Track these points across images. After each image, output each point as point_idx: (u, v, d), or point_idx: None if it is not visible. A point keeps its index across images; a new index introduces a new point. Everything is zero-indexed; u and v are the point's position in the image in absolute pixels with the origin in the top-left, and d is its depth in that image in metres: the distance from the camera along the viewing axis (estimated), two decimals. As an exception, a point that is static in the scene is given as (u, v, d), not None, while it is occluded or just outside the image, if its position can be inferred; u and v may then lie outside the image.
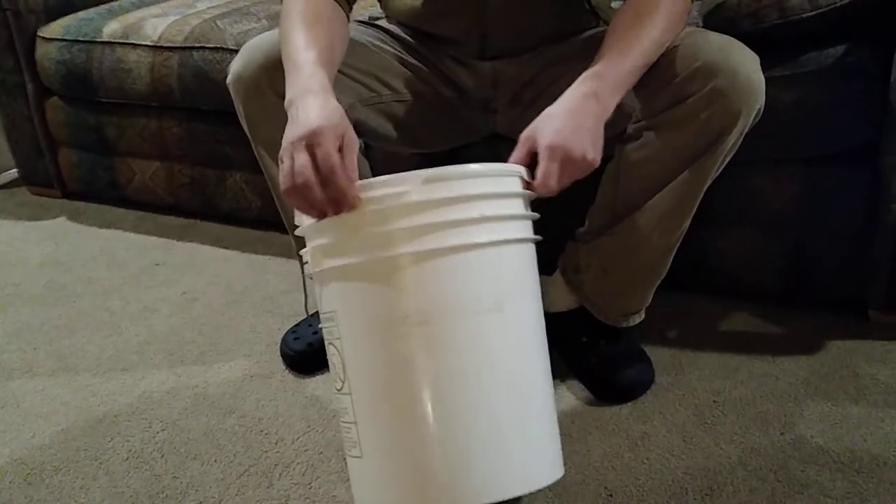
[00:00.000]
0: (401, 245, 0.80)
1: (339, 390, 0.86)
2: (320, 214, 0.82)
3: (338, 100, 1.07)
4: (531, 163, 0.89)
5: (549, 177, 0.87)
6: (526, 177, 0.88)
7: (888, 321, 1.25)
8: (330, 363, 0.88)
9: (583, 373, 1.16)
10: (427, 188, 0.80)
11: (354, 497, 0.89)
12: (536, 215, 0.89)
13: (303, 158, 0.80)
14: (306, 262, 0.88)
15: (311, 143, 0.80)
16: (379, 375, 0.82)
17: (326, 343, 0.88)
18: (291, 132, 0.82)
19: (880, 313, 1.25)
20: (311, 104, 0.84)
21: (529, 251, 0.88)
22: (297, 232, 0.89)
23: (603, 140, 0.91)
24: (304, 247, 0.89)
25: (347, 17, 1.04)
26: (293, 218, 1.14)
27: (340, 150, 0.81)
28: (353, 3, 1.07)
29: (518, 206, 0.87)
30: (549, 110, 0.91)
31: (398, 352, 0.81)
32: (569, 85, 1.08)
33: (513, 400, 0.83)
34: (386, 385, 0.82)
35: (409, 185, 0.80)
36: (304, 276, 0.88)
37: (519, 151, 0.90)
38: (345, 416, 0.86)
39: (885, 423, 1.06)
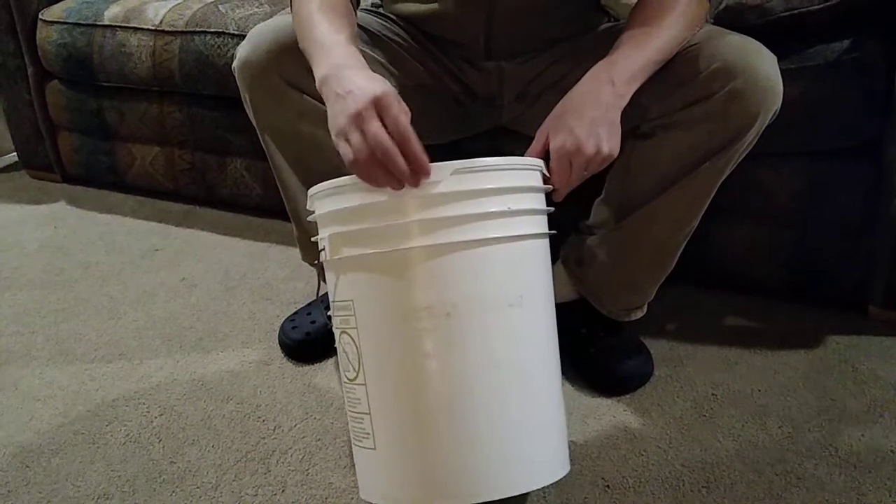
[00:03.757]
0: (429, 236, 0.79)
1: (351, 380, 0.85)
2: (399, 184, 0.79)
3: None
4: (547, 157, 0.90)
5: (561, 175, 0.88)
6: (545, 171, 0.88)
7: (888, 317, 1.24)
8: (341, 353, 0.87)
9: (582, 364, 1.16)
10: (456, 179, 0.79)
11: (361, 487, 0.90)
12: (552, 209, 0.90)
13: (375, 127, 0.77)
14: (322, 250, 0.86)
15: (379, 110, 0.78)
16: (399, 367, 0.81)
17: (338, 332, 0.87)
18: (348, 105, 0.79)
19: (880, 309, 1.25)
20: (357, 76, 0.81)
21: (546, 246, 0.89)
22: (311, 218, 0.87)
23: (619, 129, 0.90)
24: (310, 235, 0.88)
25: (355, 10, 1.03)
26: (300, 207, 1.14)
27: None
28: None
29: (541, 201, 0.87)
30: (563, 103, 0.91)
31: (421, 343, 0.80)
32: (578, 80, 1.07)
33: (529, 394, 0.84)
34: (406, 376, 0.81)
35: (438, 176, 0.79)
36: (319, 266, 0.86)
37: (535, 145, 0.91)
38: (357, 406, 0.85)
39: (883, 418, 1.06)
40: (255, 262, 1.57)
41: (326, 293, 1.30)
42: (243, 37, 1.55)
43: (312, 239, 0.89)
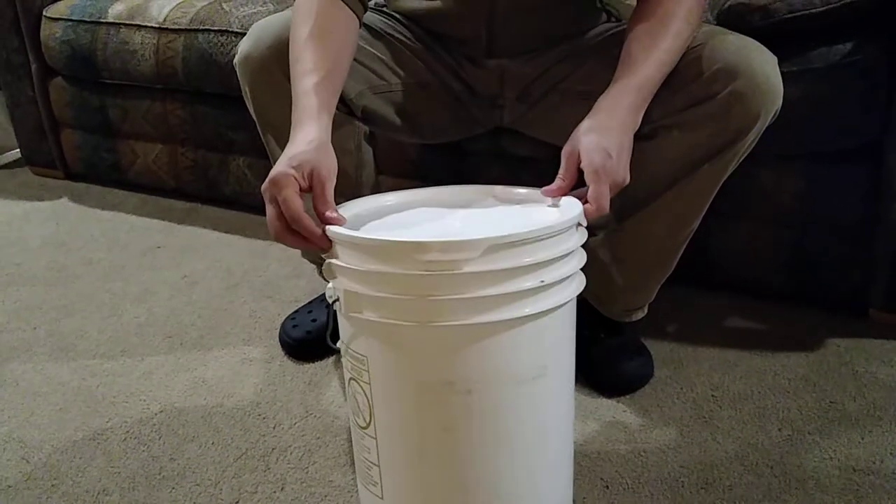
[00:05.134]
0: (454, 315, 0.75)
1: (362, 427, 0.84)
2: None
3: (347, 86, 1.06)
4: (578, 178, 0.87)
5: (604, 201, 0.84)
6: (583, 220, 0.82)
7: (888, 320, 1.24)
8: (350, 396, 0.85)
9: (582, 364, 1.15)
10: (488, 258, 0.74)
11: None
12: (584, 259, 0.84)
13: (270, 210, 0.82)
14: (336, 300, 0.82)
15: (272, 194, 0.82)
16: (414, 434, 0.80)
17: (349, 377, 0.84)
18: (272, 169, 0.84)
19: (881, 312, 1.25)
20: (295, 137, 0.86)
21: (574, 303, 0.84)
22: (325, 272, 0.85)
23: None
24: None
25: (360, 19, 1.01)
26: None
27: (311, 188, 0.82)
28: (368, 3, 1.05)
29: (576, 261, 0.81)
30: (596, 124, 0.88)
31: (438, 416, 0.78)
32: (580, 82, 1.07)
33: (544, 458, 0.83)
34: (421, 445, 0.80)
35: (470, 252, 0.74)
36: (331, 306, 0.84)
37: (567, 170, 0.87)
38: (366, 453, 0.84)
39: (882, 420, 1.06)
40: (256, 260, 1.58)
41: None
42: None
43: (324, 272, 0.86)
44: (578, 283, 0.83)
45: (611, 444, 1.04)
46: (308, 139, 0.85)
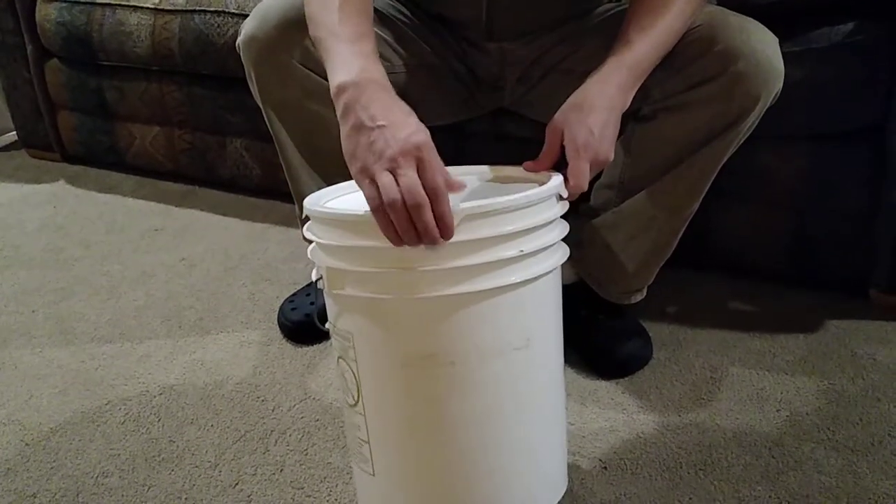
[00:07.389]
0: (434, 286, 0.75)
1: (351, 406, 0.84)
2: (418, 242, 0.73)
3: None
4: (561, 153, 0.87)
5: (582, 177, 0.84)
6: (563, 192, 0.82)
7: (889, 302, 1.24)
8: (339, 375, 0.85)
9: (580, 346, 1.16)
10: (466, 227, 0.73)
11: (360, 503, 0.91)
12: (567, 230, 0.84)
13: (412, 177, 0.72)
14: (319, 278, 0.83)
15: (417, 160, 0.73)
16: (400, 409, 0.80)
17: (337, 356, 0.85)
18: (379, 142, 0.73)
19: (881, 294, 1.25)
20: (386, 105, 0.77)
21: (558, 274, 0.83)
22: (310, 253, 0.83)
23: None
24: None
25: None
26: (303, 186, 1.13)
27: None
28: None
29: (557, 231, 0.82)
30: (582, 100, 0.88)
31: (423, 389, 0.79)
32: (580, 62, 1.06)
33: (532, 429, 0.83)
34: (408, 419, 0.80)
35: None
36: (317, 284, 0.82)
37: (551, 145, 0.87)
38: (356, 431, 0.85)
39: (881, 402, 1.06)
40: (254, 243, 1.57)
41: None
42: (243, 16, 1.55)
43: (310, 254, 0.84)
44: (561, 255, 0.83)
45: (609, 425, 1.04)
46: (408, 109, 0.78)
